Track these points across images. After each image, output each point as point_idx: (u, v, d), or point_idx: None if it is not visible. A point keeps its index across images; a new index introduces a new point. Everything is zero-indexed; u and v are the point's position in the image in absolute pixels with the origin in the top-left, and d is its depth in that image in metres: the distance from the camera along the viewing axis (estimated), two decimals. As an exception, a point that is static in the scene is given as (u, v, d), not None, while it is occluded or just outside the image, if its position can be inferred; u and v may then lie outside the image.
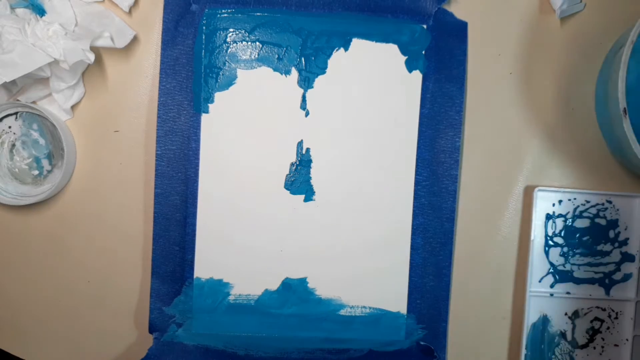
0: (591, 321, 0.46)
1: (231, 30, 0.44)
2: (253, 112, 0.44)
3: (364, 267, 0.45)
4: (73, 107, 0.44)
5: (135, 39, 0.44)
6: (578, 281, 0.46)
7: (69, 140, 0.44)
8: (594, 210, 0.45)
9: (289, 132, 0.44)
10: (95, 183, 0.45)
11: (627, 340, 0.46)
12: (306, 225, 0.45)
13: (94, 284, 0.46)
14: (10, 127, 0.45)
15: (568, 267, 0.45)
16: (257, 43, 0.44)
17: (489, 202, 0.46)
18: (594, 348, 0.46)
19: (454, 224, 0.45)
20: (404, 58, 0.44)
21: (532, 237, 0.45)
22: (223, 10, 0.43)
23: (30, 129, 0.45)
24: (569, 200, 0.45)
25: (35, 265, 0.46)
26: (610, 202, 0.45)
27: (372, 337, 0.45)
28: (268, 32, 0.44)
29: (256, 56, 0.44)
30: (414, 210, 0.45)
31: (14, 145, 0.45)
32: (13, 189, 0.45)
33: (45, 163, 0.45)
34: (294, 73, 0.44)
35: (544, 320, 0.46)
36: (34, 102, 0.44)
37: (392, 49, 0.44)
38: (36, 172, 0.45)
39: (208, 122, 0.44)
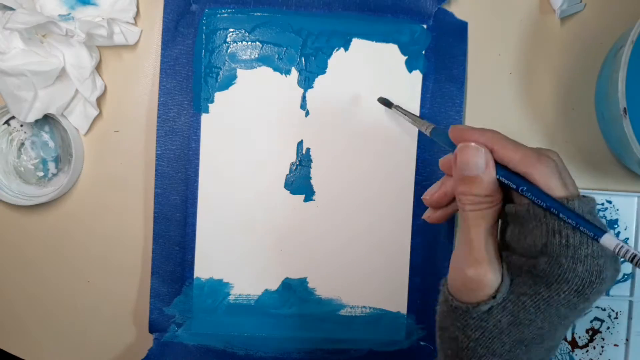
0: (591, 321, 0.46)
1: (231, 30, 0.44)
2: (253, 112, 0.44)
3: (364, 267, 0.45)
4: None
5: (135, 39, 0.44)
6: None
7: (78, 147, 0.44)
8: (593, 210, 0.45)
9: (289, 132, 0.44)
10: (95, 183, 0.45)
11: (627, 340, 0.46)
12: (306, 225, 0.45)
13: (94, 283, 0.46)
14: (22, 125, 0.45)
15: (568, 267, 0.45)
16: (257, 43, 0.44)
17: (489, 202, 0.46)
18: (594, 348, 0.46)
19: (454, 224, 0.45)
20: (404, 58, 0.44)
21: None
22: (223, 10, 0.43)
23: (42, 131, 0.45)
24: (569, 200, 0.45)
25: (35, 265, 0.46)
26: (610, 202, 0.45)
27: (372, 337, 0.45)
28: (268, 32, 0.44)
29: (256, 56, 0.44)
30: (414, 211, 0.45)
31: (22, 144, 0.45)
32: (16, 188, 0.45)
33: (51, 166, 0.45)
34: (294, 73, 0.44)
35: (544, 320, 0.46)
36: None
37: (392, 49, 0.44)
38: (41, 174, 0.45)
39: (208, 122, 0.44)
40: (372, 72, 0.44)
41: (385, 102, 0.43)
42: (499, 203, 0.28)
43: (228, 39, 0.44)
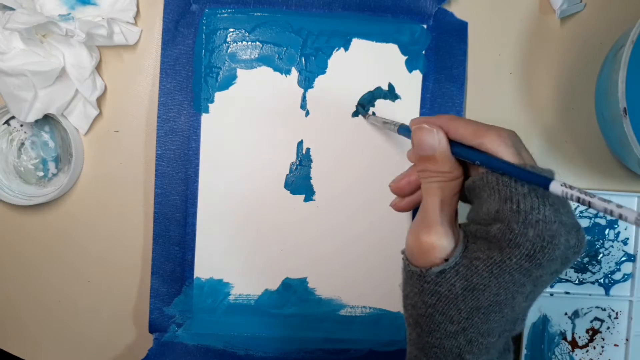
0: (591, 321, 0.46)
1: (231, 30, 0.44)
2: (253, 112, 0.44)
3: (364, 267, 0.45)
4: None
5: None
6: (578, 281, 0.46)
7: (78, 147, 0.44)
8: (593, 210, 0.45)
9: (289, 132, 0.44)
10: (95, 183, 0.45)
11: (627, 340, 0.46)
12: (306, 225, 0.45)
13: (94, 283, 0.46)
14: (22, 125, 0.45)
15: (568, 267, 0.45)
16: (257, 43, 0.44)
17: (489, 202, 0.46)
18: (594, 348, 0.46)
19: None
20: (404, 58, 0.44)
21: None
22: (223, 10, 0.43)
23: (42, 131, 0.45)
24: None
25: (35, 264, 0.46)
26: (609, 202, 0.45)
27: (372, 337, 0.45)
28: (268, 32, 0.44)
29: (256, 56, 0.44)
30: (414, 210, 0.45)
31: (22, 144, 0.45)
32: (16, 188, 0.45)
33: (51, 166, 0.45)
34: (294, 73, 0.44)
35: (544, 320, 0.46)
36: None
37: (392, 49, 0.44)
38: (41, 174, 0.45)
39: (208, 122, 0.44)
40: (372, 72, 0.44)
41: (360, 112, 0.44)
42: (458, 178, 0.30)
43: (228, 39, 0.44)
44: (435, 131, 0.29)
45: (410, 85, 0.44)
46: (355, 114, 0.44)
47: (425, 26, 0.44)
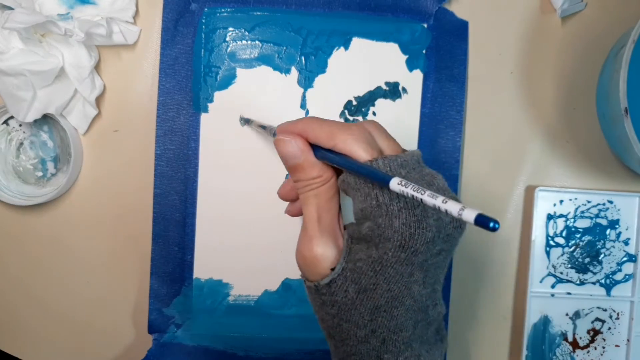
0: (592, 322, 0.46)
1: (231, 29, 0.43)
2: (253, 112, 0.44)
3: (364, 268, 0.45)
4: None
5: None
6: (579, 281, 0.45)
7: (77, 147, 0.44)
8: (595, 210, 0.45)
9: (288, 132, 0.44)
10: (95, 183, 0.45)
11: (628, 340, 0.45)
12: (306, 225, 0.45)
13: (93, 284, 0.46)
14: (20, 125, 0.45)
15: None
16: (257, 42, 0.44)
17: (490, 202, 0.46)
18: (595, 349, 0.46)
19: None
20: (405, 57, 0.44)
21: (533, 237, 0.45)
22: (222, 10, 0.43)
23: (41, 130, 0.45)
24: (570, 200, 0.45)
25: (35, 265, 0.46)
26: (611, 202, 0.45)
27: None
28: (268, 31, 0.44)
29: (256, 55, 0.44)
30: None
31: (21, 143, 0.45)
32: (15, 188, 0.45)
33: (50, 166, 0.45)
34: (294, 72, 0.44)
35: (545, 321, 0.45)
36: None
37: (393, 48, 0.44)
38: (40, 174, 0.45)
39: (208, 122, 0.44)
40: (373, 72, 0.44)
41: (245, 120, 0.43)
42: (329, 180, 0.29)
43: (228, 38, 0.43)
44: (293, 141, 0.29)
45: (411, 85, 0.44)
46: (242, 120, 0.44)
47: (425, 25, 0.44)
